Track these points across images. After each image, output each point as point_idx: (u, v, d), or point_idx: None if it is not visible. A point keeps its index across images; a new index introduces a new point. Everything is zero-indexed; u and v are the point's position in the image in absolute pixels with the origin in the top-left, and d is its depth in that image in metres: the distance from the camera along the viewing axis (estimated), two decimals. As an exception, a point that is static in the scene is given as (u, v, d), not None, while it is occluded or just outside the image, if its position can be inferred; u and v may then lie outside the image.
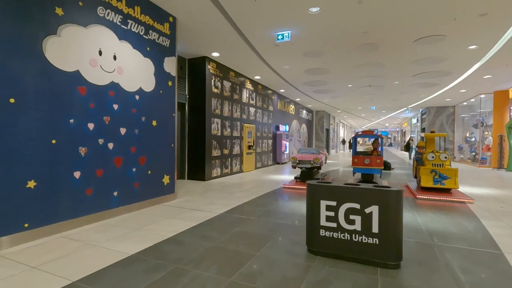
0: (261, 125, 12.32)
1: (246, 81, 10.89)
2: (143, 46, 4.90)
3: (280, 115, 14.80)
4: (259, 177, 9.30)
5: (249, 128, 11.03)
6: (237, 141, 10.17)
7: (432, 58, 8.10)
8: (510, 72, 9.79)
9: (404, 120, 31.36)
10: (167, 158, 5.47)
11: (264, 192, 6.62)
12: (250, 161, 11.20)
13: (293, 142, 16.96)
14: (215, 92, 8.79)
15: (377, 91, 13.36)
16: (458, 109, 18.40)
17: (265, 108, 12.79)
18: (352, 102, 17.42)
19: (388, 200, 2.74)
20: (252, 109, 11.40)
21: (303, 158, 7.37)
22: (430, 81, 11.23)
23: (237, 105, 10.16)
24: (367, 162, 6.64)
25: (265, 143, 12.85)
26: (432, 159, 6.49)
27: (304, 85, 12.34)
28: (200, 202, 5.55)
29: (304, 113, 19.61)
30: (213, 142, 8.69)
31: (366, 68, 9.31)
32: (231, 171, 9.77)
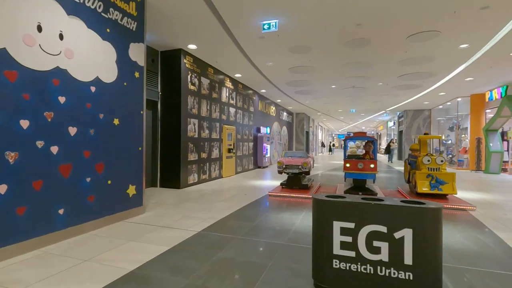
0: (241, 127, 11.54)
1: (226, 79, 10.08)
2: (101, 26, 3.97)
3: (261, 117, 14.12)
4: (241, 183, 8.50)
5: (229, 130, 10.22)
6: (216, 143, 9.32)
7: (421, 57, 7.80)
8: (492, 75, 9.80)
9: (380, 123, 31.98)
10: (133, 164, 4.54)
11: (248, 202, 5.84)
12: (230, 165, 10.38)
13: (274, 145, 16.34)
14: (192, 90, 7.90)
15: (360, 92, 13.09)
16: (434, 112, 18.77)
17: (246, 109, 12.04)
18: (333, 104, 17.16)
19: (424, 221, 2.07)
20: (232, 109, 10.60)
21: (290, 163, 6.69)
22: (413, 83, 11.07)
23: (216, 104, 9.32)
24: (360, 166, 6.09)
25: (246, 146, 12.08)
26: (427, 163, 6.06)
27: (287, 85, 11.76)
28: (174, 215, 4.66)
29: (284, 115, 19.10)
30: (190, 145, 7.79)
31: (353, 68, 8.87)
32: (209, 177, 8.89)
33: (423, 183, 5.97)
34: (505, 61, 7.98)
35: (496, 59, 7.81)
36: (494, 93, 12.00)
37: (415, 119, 19.26)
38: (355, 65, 8.65)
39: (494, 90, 11.93)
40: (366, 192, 6.27)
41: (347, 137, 6.92)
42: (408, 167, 6.91)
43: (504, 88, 11.17)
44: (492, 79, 10.43)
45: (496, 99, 11.92)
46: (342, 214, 2.27)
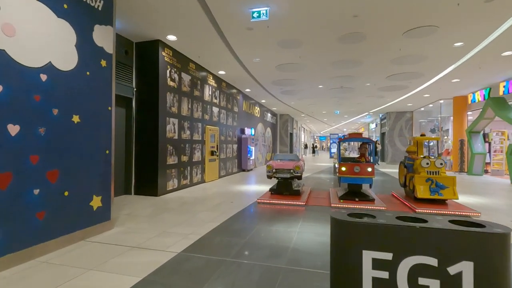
0: (225, 128, 10.86)
1: (209, 76, 9.38)
2: (56, 0, 3.20)
3: (246, 117, 13.50)
4: (226, 189, 7.83)
5: (212, 131, 9.51)
6: (198, 145, 8.59)
7: (414, 56, 7.51)
8: (478, 76, 9.78)
9: (361, 125, 32.33)
10: (98, 171, 3.77)
11: (236, 211, 5.19)
12: (214, 169, 9.66)
13: (258, 147, 15.77)
14: (171, 86, 7.15)
15: (346, 93, 12.81)
16: (416, 114, 18.99)
17: (230, 108, 11.38)
18: (318, 105, 16.86)
19: (489, 251, 1.53)
20: (215, 109, 9.90)
21: (281, 167, 6.11)
22: (400, 84, 10.90)
23: (198, 103, 8.59)
24: (357, 170, 5.62)
25: (230, 148, 11.41)
26: (426, 166, 5.69)
27: (273, 85, 11.22)
28: (149, 231, 3.93)
29: (269, 116, 18.59)
30: (169, 147, 7.03)
31: (344, 66, 8.47)
32: (191, 182, 8.14)
33: (423, 187, 5.59)
34: (495, 61, 7.88)
35: (487, 59, 7.68)
36: (477, 95, 12.10)
37: (397, 121, 19.40)
38: (346, 63, 8.26)
39: (477, 92, 12.03)
40: (362, 197, 5.81)
41: (340, 139, 6.44)
42: (404, 171, 6.55)
43: (487, 90, 11.25)
44: (477, 81, 10.44)
45: (479, 101, 12.02)
46: (375, 240, 1.70)
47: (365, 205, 5.44)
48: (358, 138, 5.95)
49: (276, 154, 6.89)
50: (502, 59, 7.64)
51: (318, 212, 5.21)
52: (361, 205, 5.47)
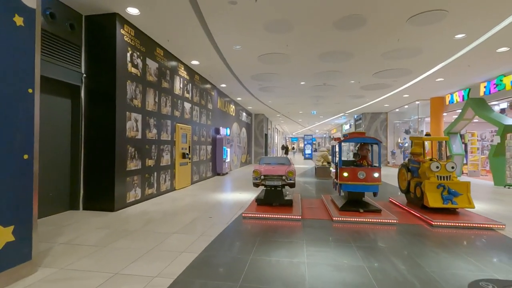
0: (198, 127, 9.58)
1: (180, 66, 8.07)
2: None
3: (220, 116, 12.28)
4: (201, 198, 6.59)
5: (184, 130, 8.21)
6: (167, 147, 7.25)
7: (409, 49, 6.89)
8: (462, 76, 9.55)
9: (334, 126, 32.46)
10: (5, 187, 2.42)
11: (217, 231, 4.03)
12: (185, 174, 8.35)
13: (234, 148, 14.61)
14: (133, 74, 5.79)
15: (327, 92, 12.14)
16: (390, 116, 19.05)
17: (204, 105, 10.11)
18: (296, 105, 16.11)
19: None
20: (187, 104, 8.60)
21: (271, 172, 5.05)
22: (385, 82, 10.41)
23: (167, 96, 7.26)
24: (361, 176, 4.73)
25: (204, 150, 10.14)
26: (436, 170, 4.97)
27: (252, 79, 10.17)
28: (92, 276, 2.65)
29: (244, 115, 17.50)
30: (130, 149, 5.66)
31: (333, 58, 7.65)
32: (158, 191, 6.78)
33: (434, 195, 4.85)
34: (488, 58, 7.53)
35: (480, 55, 7.29)
36: (455, 96, 12.04)
37: (373, 122, 19.34)
38: (336, 56, 7.44)
39: (455, 93, 11.97)
40: (366, 208, 4.94)
41: (338, 139, 5.53)
42: (405, 175, 5.81)
43: (467, 91, 11.18)
44: (459, 81, 10.26)
45: (457, 102, 11.97)
46: None
47: (372, 218, 4.55)
48: (362, 138, 5.08)
49: (262, 157, 5.81)
50: (496, 56, 7.30)
51: (320, 229, 4.22)
52: (367, 217, 4.58)
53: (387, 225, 4.43)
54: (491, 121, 9.65)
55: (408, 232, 4.12)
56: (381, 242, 3.67)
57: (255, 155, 20.12)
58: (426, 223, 4.52)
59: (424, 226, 4.42)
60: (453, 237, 3.89)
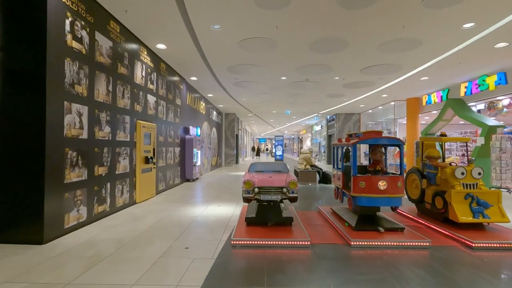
0: (165, 125, 8.06)
1: (142, 49, 6.54)
2: None
3: (190, 114, 10.79)
4: (170, 215, 5.17)
5: (148, 129, 6.67)
6: (125, 150, 5.70)
7: (409, 40, 6.16)
8: (448, 75, 9.25)
9: (304, 127, 32.21)
10: None
11: (201, 276, 2.73)
12: (149, 182, 6.81)
13: (204, 150, 13.15)
14: (76, 50, 4.23)
15: (307, 89, 11.28)
16: (363, 117, 18.92)
17: (171, 100, 8.60)
18: (271, 104, 15.09)
19: None
20: (151, 98, 7.07)
21: (267, 184, 3.85)
22: (370, 80, 9.79)
23: (125, 85, 5.72)
24: (382, 187, 3.74)
25: (171, 153, 8.62)
26: (462, 177, 4.17)
27: (227, 72, 8.88)
28: None
29: (214, 114, 16.07)
30: (70, 153, 4.08)
31: (325, 48, 6.70)
32: (112, 207, 5.22)
33: (463, 207, 4.03)
34: (484, 54, 7.11)
35: (477, 51, 6.82)
36: (433, 97, 11.90)
37: (346, 122, 19.07)
38: (329, 44, 6.49)
39: (433, 94, 11.82)
40: (384, 225, 3.97)
41: (347, 140, 4.50)
42: (418, 182, 4.98)
43: (446, 92, 11.02)
44: (442, 81, 9.99)
45: (435, 103, 11.83)
46: None
47: (399, 240, 3.57)
48: (382, 139, 4.09)
49: (253, 164, 4.54)
50: (492, 52, 6.88)
51: (341, 261, 3.12)
52: (392, 239, 3.59)
53: (419, 249, 3.48)
54: (474, 121, 9.45)
55: (450, 259, 3.20)
56: (432, 277, 2.66)
57: (225, 157, 18.76)
58: (462, 244, 3.64)
59: (461, 248, 3.54)
60: (509, 265, 3.03)
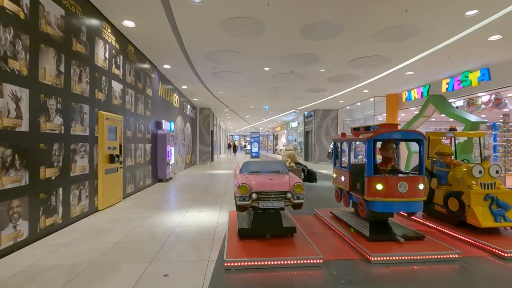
0: (134, 118, 6.99)
1: (106, 26, 5.45)
2: None
3: (163, 106, 9.70)
4: (140, 226, 4.23)
5: (113, 121, 5.61)
6: (83, 146, 4.64)
7: (407, 27, 5.72)
8: (432, 71, 9.14)
9: (280, 124, 31.86)
10: None
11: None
12: (114, 185, 5.76)
13: (178, 146, 12.08)
14: (8, 12, 3.15)
15: (290, 83, 10.69)
16: (340, 113, 18.81)
17: (141, 90, 7.51)
18: (249, 98, 14.32)
19: None
20: (117, 85, 5.99)
21: (268, 188, 3.09)
22: (356, 73, 9.40)
23: (83, 67, 4.64)
24: (403, 189, 3.16)
25: (141, 150, 7.55)
26: (480, 176, 3.74)
27: (206, 60, 7.97)
28: None
29: (188, 108, 14.96)
30: (1, 151, 3.02)
31: (317, 33, 6.06)
32: (66, 218, 4.17)
33: (483, 210, 3.59)
34: (473, 48, 6.91)
35: (471, 43, 6.59)
36: (413, 93, 11.86)
37: (324, 119, 18.86)
38: (322, 29, 5.86)
39: (414, 90, 11.78)
40: (402, 234, 3.41)
41: (356, 135, 3.87)
42: (431, 181, 4.50)
43: (427, 88, 10.99)
44: (426, 76, 9.89)
45: (415, 99, 11.81)
46: None
47: (424, 253, 3.01)
48: (403, 132, 3.47)
49: (246, 163, 3.73)
50: (486, 45, 6.69)
51: (364, 285, 2.48)
52: (416, 252, 3.02)
53: (447, 263, 2.94)
54: (456, 117, 9.41)
55: (486, 274, 2.69)
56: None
57: (200, 155, 17.70)
58: (491, 254, 3.17)
59: (492, 260, 3.06)
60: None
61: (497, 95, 9.12)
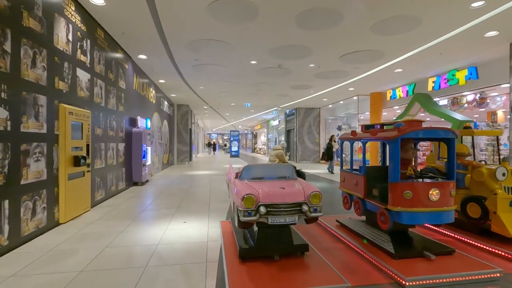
0: (105, 113, 6.06)
1: (69, 3, 4.53)
2: None
3: (138, 102, 8.76)
4: (112, 245, 3.44)
5: (78, 117, 4.70)
6: (38, 147, 3.75)
7: (408, 17, 5.36)
8: (421, 69, 9.01)
9: (259, 122, 31.34)
10: None
11: None
12: (81, 192, 4.85)
13: (154, 145, 11.11)
14: None
15: (275, 78, 10.15)
16: (322, 112, 18.60)
17: (113, 81, 6.58)
18: (231, 94, 13.60)
19: None
20: (83, 74, 5.08)
21: (280, 199, 2.47)
22: (345, 69, 9.04)
23: (38, 48, 3.74)
24: (435, 197, 2.69)
25: (113, 150, 6.63)
26: (503, 179, 3.37)
27: (187, 50, 7.18)
28: None
29: (166, 105, 13.96)
30: None
31: (315, 19, 5.53)
32: (14, 238, 3.28)
33: (510, 217, 3.22)
34: (468, 44, 6.74)
35: (467, 39, 6.39)
36: (398, 92, 11.78)
37: (306, 117, 18.56)
38: (320, 16, 5.34)
39: (398, 88, 11.70)
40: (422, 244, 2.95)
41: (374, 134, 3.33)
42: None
43: (412, 86, 10.93)
44: (412, 74, 9.77)
45: (400, 98, 11.74)
46: None
47: (462, 274, 2.55)
48: (437, 130, 2.97)
49: (247, 168, 3.00)
50: (481, 41, 6.52)
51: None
52: (453, 272, 2.55)
53: (489, 283, 2.50)
54: (443, 116, 9.35)
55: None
56: None
57: (178, 154, 16.70)
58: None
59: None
60: None
61: (482, 94, 9.17)
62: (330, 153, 12.16)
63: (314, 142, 18.67)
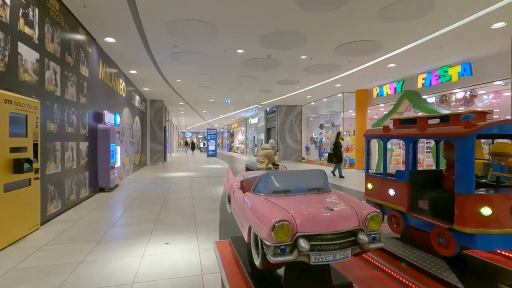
0: (60, 105, 4.85)
1: (3, -49, 3.36)
2: None
3: (105, 93, 7.49)
4: (64, 286, 2.42)
5: (21, 107, 3.53)
6: (-49, 147, 2.59)
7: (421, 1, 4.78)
8: (414, 64, 8.66)
9: (236, 120, 30.37)
10: None
11: None
12: (24, 206, 3.68)
13: (125, 145, 9.82)
14: None
15: (262, 71, 9.34)
16: (304, 109, 18.09)
17: (71, 66, 5.36)
18: (210, 90, 12.57)
19: None
20: (29, 51, 3.89)
21: (327, 227, 1.62)
22: (337, 63, 8.46)
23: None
24: (520, 213, 2.02)
25: (72, 150, 5.41)
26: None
27: (165, 32, 6.13)
28: None
29: (137, 100, 12.59)
30: None
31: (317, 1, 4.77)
32: None
33: None
34: (472, 36, 6.37)
35: (473, 30, 5.99)
36: (385, 89, 11.46)
37: (288, 115, 17.95)
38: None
39: (386, 85, 11.38)
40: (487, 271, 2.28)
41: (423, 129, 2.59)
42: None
43: (400, 83, 10.63)
44: (404, 70, 9.41)
45: (387, 95, 11.43)
46: None
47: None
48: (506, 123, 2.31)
49: (267, 176, 2.05)
50: (486, 33, 6.15)
51: None
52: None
53: None
54: (429, 111, 9.10)
55: None
56: None
57: (151, 154, 15.31)
58: None
59: None
60: None
61: (472, 91, 9.01)
62: (339, 153, 10.17)
63: (296, 141, 18.11)
